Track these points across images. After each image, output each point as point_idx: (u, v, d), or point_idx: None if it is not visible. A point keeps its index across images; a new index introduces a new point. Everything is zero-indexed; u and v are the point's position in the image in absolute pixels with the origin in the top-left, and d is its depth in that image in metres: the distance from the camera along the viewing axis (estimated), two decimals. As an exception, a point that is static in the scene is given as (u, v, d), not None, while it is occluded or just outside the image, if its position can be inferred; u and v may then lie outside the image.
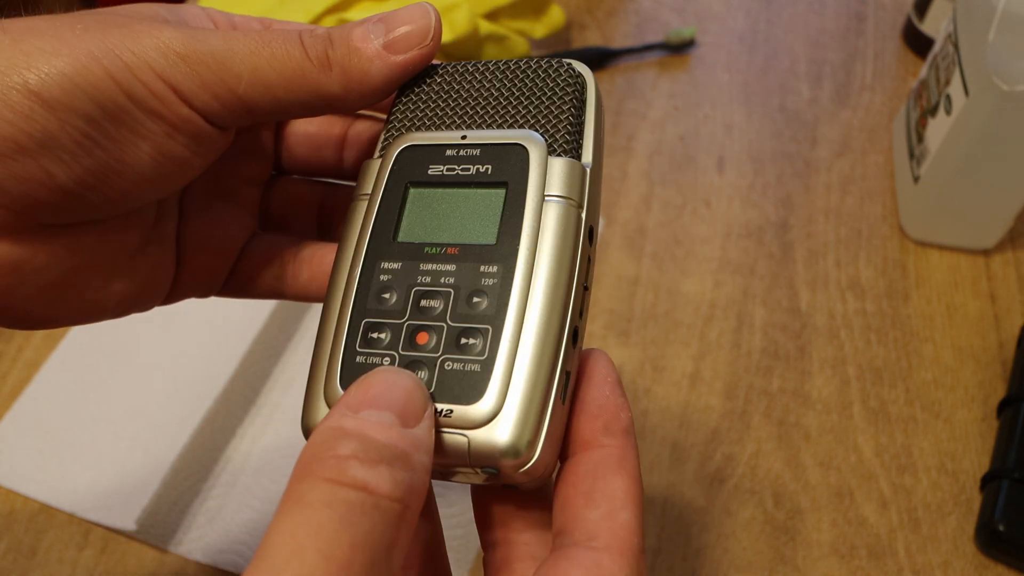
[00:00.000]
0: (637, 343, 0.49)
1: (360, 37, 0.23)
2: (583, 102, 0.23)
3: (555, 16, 0.63)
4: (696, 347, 0.49)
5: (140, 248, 0.25)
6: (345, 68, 0.23)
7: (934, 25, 0.63)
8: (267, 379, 0.47)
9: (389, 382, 0.19)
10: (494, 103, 0.23)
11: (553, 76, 0.23)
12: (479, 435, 0.19)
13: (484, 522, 0.23)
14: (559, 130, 0.22)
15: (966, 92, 0.47)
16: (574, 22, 0.68)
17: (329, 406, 0.21)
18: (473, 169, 0.22)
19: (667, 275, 0.53)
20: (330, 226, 0.30)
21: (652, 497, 0.44)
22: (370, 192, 0.23)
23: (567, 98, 0.23)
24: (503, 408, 0.19)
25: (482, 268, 0.21)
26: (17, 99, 0.19)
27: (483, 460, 0.19)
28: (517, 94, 0.23)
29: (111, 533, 0.41)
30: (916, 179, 0.53)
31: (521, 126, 0.23)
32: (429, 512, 0.24)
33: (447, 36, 0.59)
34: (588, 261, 0.22)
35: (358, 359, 0.21)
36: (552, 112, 0.23)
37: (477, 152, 0.23)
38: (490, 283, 0.21)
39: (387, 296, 0.22)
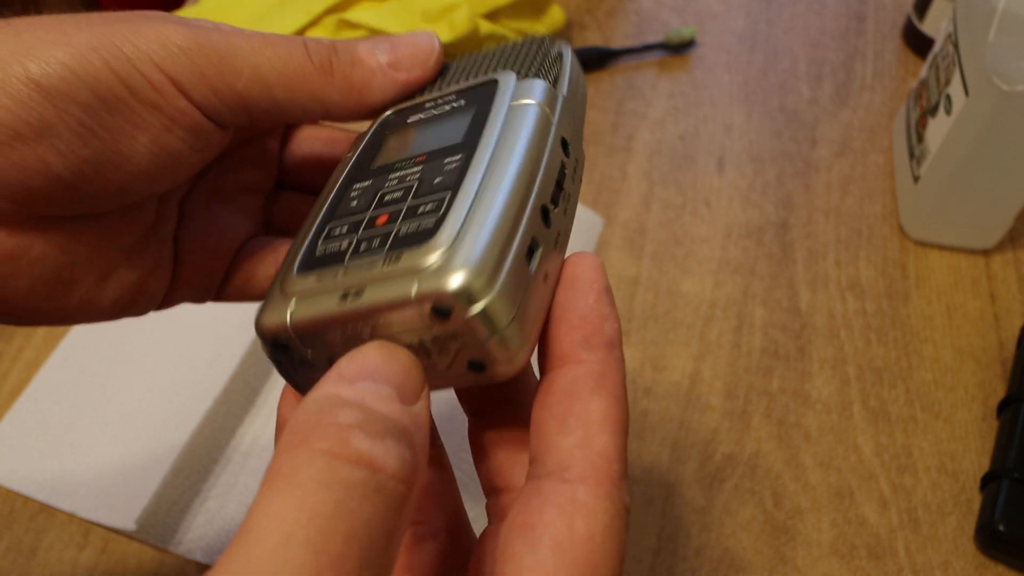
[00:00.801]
0: (637, 343, 0.49)
1: (365, 51, 0.23)
2: (561, 64, 0.24)
3: (555, 16, 0.63)
4: (696, 347, 0.49)
5: (137, 248, 0.25)
6: (347, 76, 0.23)
7: (934, 25, 0.63)
8: (267, 379, 0.47)
9: (386, 355, 0.17)
10: (475, 68, 0.24)
11: (530, 43, 0.24)
12: (429, 272, 0.17)
13: (483, 469, 0.22)
14: (531, 67, 0.23)
15: (966, 92, 0.47)
16: (574, 22, 0.68)
17: (285, 295, 0.20)
18: (447, 107, 0.23)
19: (667, 275, 0.53)
20: None
21: (652, 497, 0.44)
22: (355, 150, 0.24)
23: (541, 52, 0.24)
24: (454, 246, 0.18)
25: (445, 160, 0.21)
26: (16, 87, 0.19)
27: (431, 298, 0.17)
28: (497, 60, 0.24)
29: (111, 533, 0.41)
30: (916, 179, 0.53)
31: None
32: (441, 462, 0.23)
33: (447, 36, 0.59)
34: (562, 166, 0.21)
35: (318, 251, 0.20)
36: (526, 59, 0.23)
37: (453, 95, 0.23)
38: (452, 167, 0.20)
39: (354, 203, 0.21)
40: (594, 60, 0.64)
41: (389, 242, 0.19)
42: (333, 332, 0.19)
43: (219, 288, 0.28)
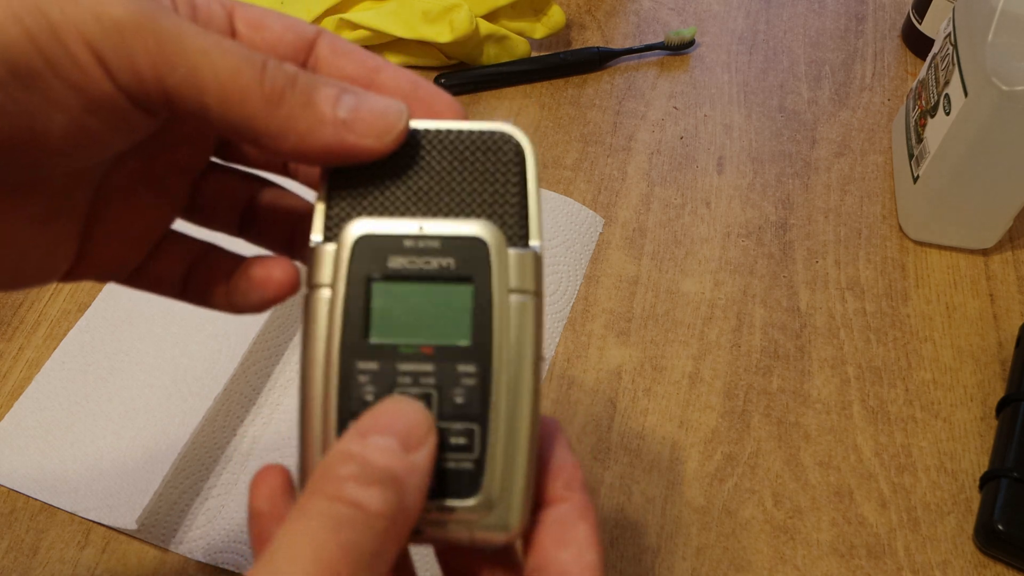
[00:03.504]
0: (637, 343, 0.49)
1: (325, 97, 0.21)
2: (525, 175, 0.24)
3: (555, 16, 0.63)
4: (696, 347, 0.49)
5: (45, 218, 0.23)
6: (293, 116, 0.21)
7: (933, 25, 0.63)
8: (267, 379, 0.47)
9: (397, 410, 0.21)
10: (442, 184, 0.24)
11: (495, 151, 0.24)
12: (481, 524, 0.22)
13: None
14: (510, 215, 0.23)
15: (965, 92, 0.47)
16: (574, 22, 0.68)
17: None
18: (435, 263, 0.23)
19: (667, 275, 0.53)
20: (253, 224, 0.28)
21: (652, 497, 0.44)
22: (329, 284, 0.23)
23: (512, 177, 0.24)
24: (498, 497, 0.22)
25: (459, 368, 0.22)
26: None
27: (486, 544, 0.23)
28: (464, 174, 0.24)
29: (112, 532, 0.41)
30: (915, 179, 0.53)
31: (473, 212, 0.23)
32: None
33: (447, 36, 0.59)
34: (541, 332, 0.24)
35: None
36: (500, 195, 0.23)
37: (437, 244, 0.23)
38: (470, 383, 0.22)
39: (368, 396, 0.22)
40: (594, 60, 0.64)
41: (433, 481, 0.22)
42: None
43: (130, 274, 0.27)
